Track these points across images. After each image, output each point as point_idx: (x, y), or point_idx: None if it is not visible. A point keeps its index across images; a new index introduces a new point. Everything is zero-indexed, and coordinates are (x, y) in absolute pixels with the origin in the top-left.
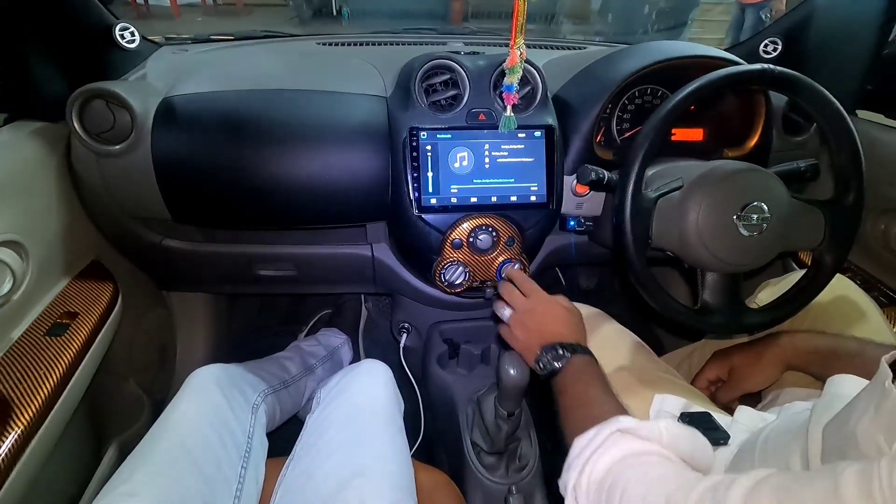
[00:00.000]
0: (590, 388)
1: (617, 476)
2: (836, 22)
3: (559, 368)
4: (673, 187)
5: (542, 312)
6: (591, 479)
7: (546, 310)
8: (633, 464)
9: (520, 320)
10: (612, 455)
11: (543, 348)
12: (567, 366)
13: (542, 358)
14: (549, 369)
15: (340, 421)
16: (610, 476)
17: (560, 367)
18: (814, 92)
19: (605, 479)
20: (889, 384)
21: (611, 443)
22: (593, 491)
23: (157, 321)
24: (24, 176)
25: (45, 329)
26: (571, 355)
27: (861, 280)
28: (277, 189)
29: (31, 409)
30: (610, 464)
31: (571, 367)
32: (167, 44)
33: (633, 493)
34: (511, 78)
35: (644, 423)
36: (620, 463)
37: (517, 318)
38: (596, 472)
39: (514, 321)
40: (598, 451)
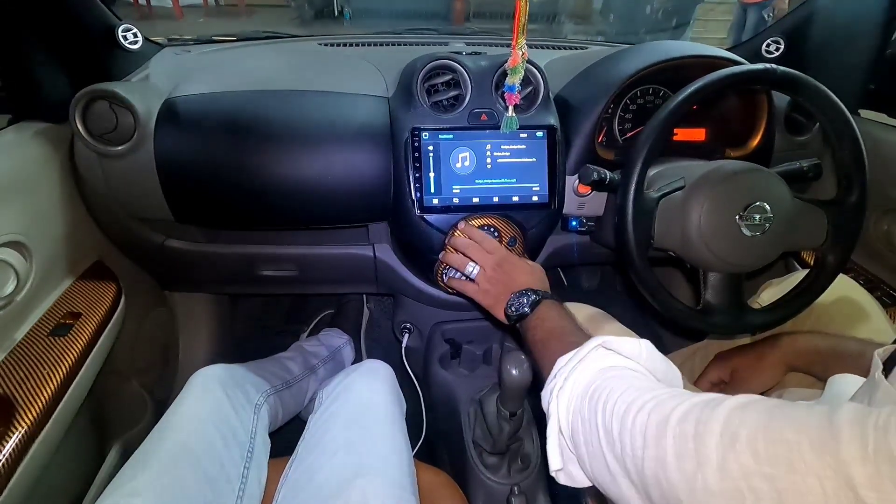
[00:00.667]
0: (564, 321)
1: (601, 384)
2: (838, 21)
3: (529, 312)
4: (675, 187)
5: (509, 265)
6: (574, 387)
7: (513, 263)
8: (617, 374)
9: (489, 275)
10: (596, 366)
11: (515, 294)
12: (538, 308)
13: (515, 302)
14: (519, 312)
15: (342, 421)
16: (593, 383)
17: (530, 311)
18: (817, 92)
19: (589, 385)
20: (879, 375)
21: (594, 356)
22: (575, 397)
23: (160, 321)
24: (27, 177)
25: (49, 329)
26: (542, 299)
27: (864, 280)
28: (280, 190)
29: (35, 409)
30: (595, 373)
31: (542, 308)
32: (170, 45)
33: (621, 397)
34: (513, 78)
35: (626, 340)
36: (604, 373)
37: (485, 273)
38: (579, 381)
39: (482, 276)
40: (583, 363)
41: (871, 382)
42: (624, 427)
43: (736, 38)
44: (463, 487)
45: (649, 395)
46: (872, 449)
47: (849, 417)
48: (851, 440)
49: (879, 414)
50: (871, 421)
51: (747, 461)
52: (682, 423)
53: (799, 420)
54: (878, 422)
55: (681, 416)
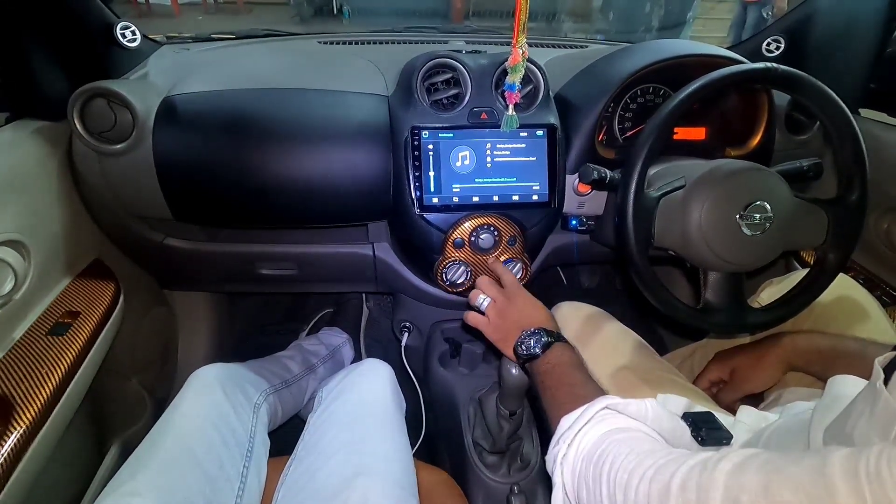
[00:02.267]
0: (573, 370)
1: (605, 449)
2: (839, 20)
3: (540, 353)
4: (675, 186)
5: (522, 302)
6: (578, 452)
7: (526, 300)
8: (620, 438)
9: (499, 309)
10: (600, 429)
11: (525, 332)
12: (549, 351)
13: (525, 341)
14: (530, 353)
15: (342, 420)
16: (598, 449)
17: (541, 352)
18: (817, 90)
19: (593, 451)
20: (880, 385)
21: (599, 418)
22: (580, 462)
23: (159, 320)
24: (25, 175)
25: (47, 328)
26: (554, 341)
27: (864, 279)
28: (278, 188)
29: (33, 408)
30: (598, 437)
31: (554, 351)
32: (168, 43)
33: (622, 464)
34: (513, 77)
35: (631, 401)
36: (608, 437)
37: (496, 306)
38: (584, 446)
39: (493, 309)
40: (587, 426)
41: (872, 391)
42: (627, 498)
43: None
44: (462, 487)
45: (649, 461)
46: (871, 501)
47: (841, 469)
48: (848, 495)
49: (868, 459)
50: (863, 469)
51: None
52: (684, 493)
53: (795, 479)
54: (870, 468)
55: (680, 485)
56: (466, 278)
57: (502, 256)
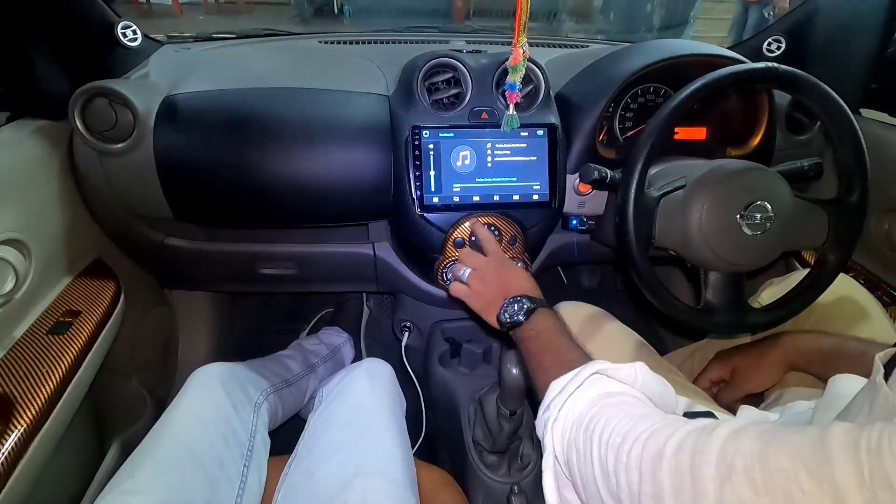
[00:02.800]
0: (558, 336)
1: (597, 413)
2: (840, 20)
3: (523, 320)
4: (676, 186)
5: (505, 269)
6: (568, 416)
7: (508, 267)
8: (612, 402)
9: (481, 276)
10: (591, 393)
11: (508, 300)
12: (532, 317)
13: (509, 308)
14: (514, 319)
15: (342, 420)
16: (589, 413)
17: (524, 319)
18: (818, 90)
19: (584, 415)
20: (880, 380)
21: (589, 383)
22: (570, 427)
23: (160, 319)
24: (26, 174)
25: (48, 327)
26: (538, 307)
27: (864, 279)
28: (279, 188)
29: (34, 407)
30: (589, 401)
31: (538, 317)
32: (169, 42)
33: (616, 427)
34: (514, 76)
35: (621, 366)
36: (599, 401)
37: (478, 274)
38: (575, 410)
39: (474, 277)
40: (578, 391)
41: (872, 386)
42: (619, 461)
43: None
44: (463, 486)
45: (644, 424)
46: (868, 474)
47: (841, 441)
48: (846, 466)
49: (870, 434)
50: (864, 443)
51: (745, 492)
52: (678, 454)
53: (792, 446)
54: (871, 444)
55: (676, 447)
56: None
57: None
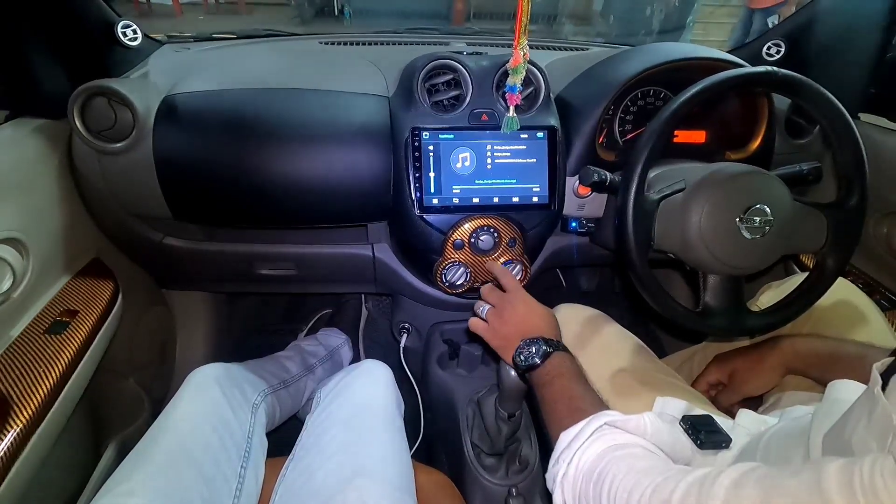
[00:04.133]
0: (573, 383)
1: (605, 467)
2: (839, 25)
3: (539, 363)
4: (675, 189)
5: (522, 307)
6: (578, 470)
7: (527, 305)
8: (619, 455)
9: (499, 314)
10: (599, 447)
11: (525, 341)
12: (549, 361)
13: (525, 350)
14: (529, 363)
15: (340, 421)
16: (597, 466)
17: (540, 362)
18: (817, 94)
19: (593, 469)
20: (878, 391)
21: (598, 435)
22: (581, 481)
23: (158, 319)
24: (25, 173)
25: (45, 327)
26: (554, 350)
27: (863, 284)
28: (278, 188)
29: (30, 407)
30: (598, 455)
31: (554, 361)
32: (169, 42)
33: (622, 483)
34: (514, 78)
35: (630, 417)
36: (607, 455)
37: (496, 311)
38: (584, 463)
39: (493, 314)
40: (587, 443)
41: (871, 397)
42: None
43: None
44: (461, 489)
45: (647, 479)
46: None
47: (836, 483)
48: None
49: (862, 470)
50: (857, 481)
51: None
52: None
53: (792, 493)
54: (864, 481)
55: (680, 500)
56: (466, 279)
57: (502, 258)
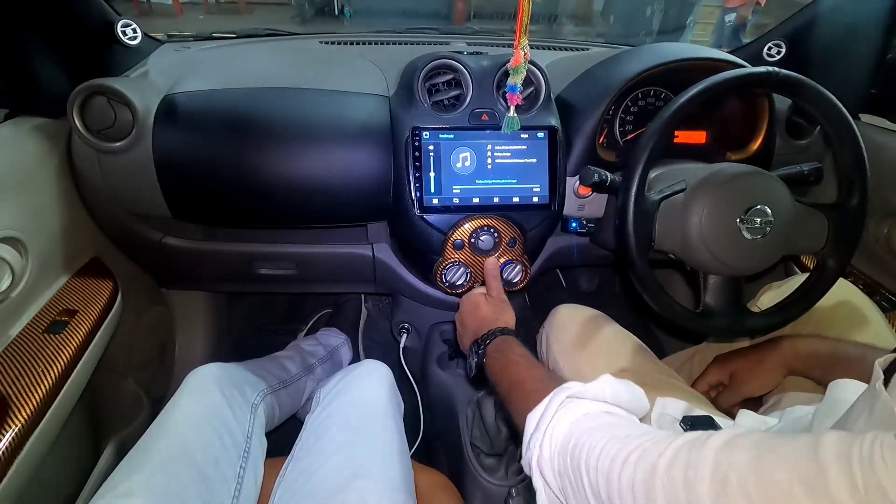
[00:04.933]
0: (515, 367)
1: (578, 438)
2: (840, 25)
3: (483, 362)
4: (676, 189)
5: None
6: (552, 448)
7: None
8: (593, 427)
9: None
10: (567, 420)
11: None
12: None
13: (470, 358)
14: (475, 369)
15: (340, 421)
16: (570, 440)
17: (482, 361)
18: (818, 95)
19: (566, 443)
20: (880, 386)
21: (563, 410)
22: (556, 456)
23: (157, 319)
24: (24, 172)
25: (44, 326)
26: (487, 346)
27: (863, 284)
28: (278, 188)
29: (29, 406)
30: (568, 428)
31: (489, 357)
32: (169, 41)
33: (603, 451)
34: (515, 78)
35: (589, 385)
36: (577, 425)
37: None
38: (555, 441)
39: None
40: (553, 420)
41: (872, 392)
42: (611, 486)
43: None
44: (460, 489)
45: (632, 444)
46: (862, 485)
47: (834, 451)
48: (839, 476)
49: (862, 443)
50: (856, 453)
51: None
52: (670, 471)
53: (786, 457)
54: (863, 453)
55: (668, 463)
56: (466, 280)
57: (502, 258)
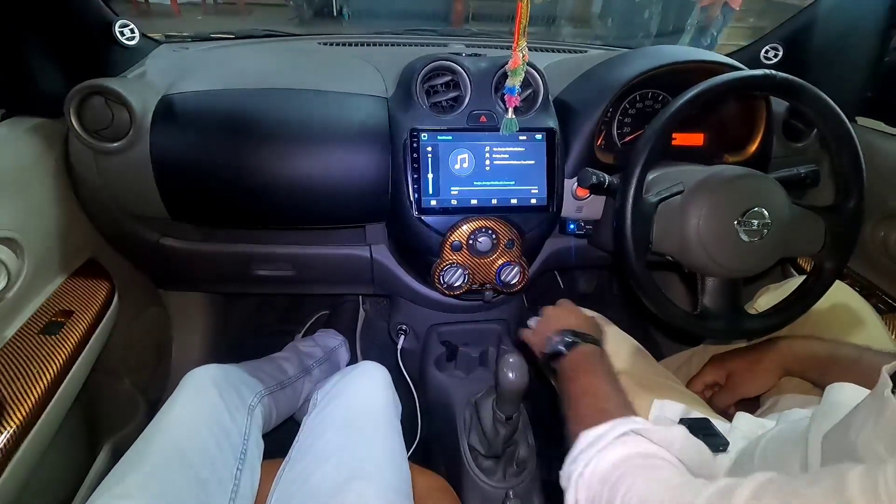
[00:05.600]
0: (598, 379)
1: (623, 473)
2: (837, 28)
3: (564, 351)
4: (674, 192)
5: (564, 311)
6: (594, 472)
7: (568, 309)
8: (640, 464)
9: (541, 319)
10: (621, 453)
11: (555, 332)
12: (574, 351)
13: (551, 340)
14: (553, 349)
15: (337, 423)
16: (615, 472)
17: (565, 351)
18: (815, 98)
19: (611, 474)
20: (888, 393)
21: (621, 441)
22: (595, 483)
23: (154, 320)
24: (20, 172)
25: (40, 327)
26: (581, 342)
27: (860, 287)
28: (276, 189)
29: (24, 408)
30: (617, 460)
31: (579, 353)
32: (167, 42)
33: (637, 491)
34: (513, 80)
35: (658, 428)
36: (628, 461)
37: (541, 318)
38: (601, 467)
39: (538, 321)
40: (608, 448)
41: (879, 399)
42: None
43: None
44: (458, 491)
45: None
46: None
47: (859, 487)
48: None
49: (886, 476)
50: (882, 487)
51: None
52: None
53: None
54: (889, 486)
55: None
56: (464, 281)
57: (500, 260)
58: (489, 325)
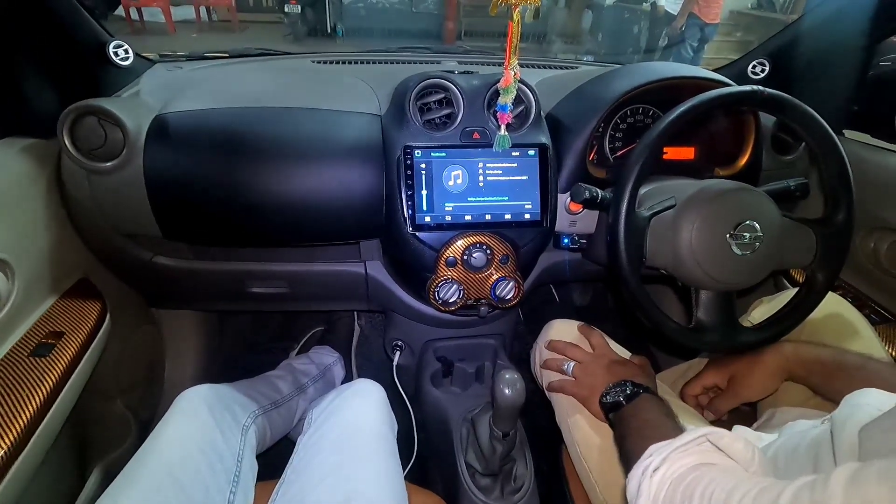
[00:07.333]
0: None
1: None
2: (822, 44)
3: (624, 403)
4: (666, 206)
5: (610, 360)
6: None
7: (614, 358)
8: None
9: (585, 367)
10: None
11: (612, 383)
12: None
13: (612, 391)
14: (613, 399)
15: (332, 443)
16: (693, 474)
17: (625, 402)
18: (802, 112)
19: (686, 475)
20: None
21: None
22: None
23: (146, 339)
24: (12, 192)
25: (30, 349)
26: (641, 392)
27: (852, 298)
28: (270, 207)
29: (14, 431)
30: (693, 464)
31: (640, 401)
32: (161, 61)
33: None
34: (505, 97)
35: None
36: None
37: (583, 366)
38: (677, 467)
39: (579, 369)
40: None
41: None
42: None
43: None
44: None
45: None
46: None
47: None
48: None
49: None
50: None
51: None
52: None
53: None
54: None
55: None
56: (459, 297)
57: (495, 275)
58: (485, 340)
